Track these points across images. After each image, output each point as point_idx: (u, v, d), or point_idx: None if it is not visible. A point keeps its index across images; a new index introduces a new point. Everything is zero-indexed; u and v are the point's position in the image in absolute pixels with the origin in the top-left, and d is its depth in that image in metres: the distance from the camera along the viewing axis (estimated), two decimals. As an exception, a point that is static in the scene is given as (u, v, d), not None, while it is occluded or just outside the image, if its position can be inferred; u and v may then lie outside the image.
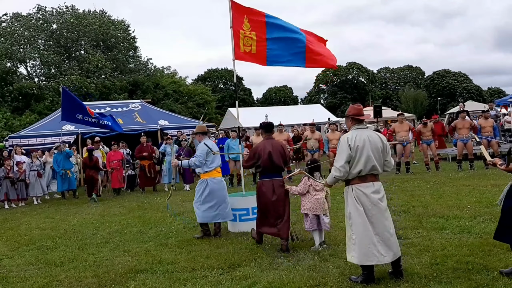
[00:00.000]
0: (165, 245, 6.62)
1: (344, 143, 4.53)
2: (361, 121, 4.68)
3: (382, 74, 78.31)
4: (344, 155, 4.47)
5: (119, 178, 12.92)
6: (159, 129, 17.16)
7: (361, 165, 4.45)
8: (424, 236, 5.96)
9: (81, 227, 8.53)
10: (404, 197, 8.91)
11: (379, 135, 4.67)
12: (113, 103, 21.13)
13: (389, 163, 4.67)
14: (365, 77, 69.55)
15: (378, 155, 4.54)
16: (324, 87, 72.95)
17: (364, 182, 4.47)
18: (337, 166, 4.51)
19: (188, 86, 43.77)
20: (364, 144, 4.49)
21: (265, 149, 5.98)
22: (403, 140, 13.17)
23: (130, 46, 38.43)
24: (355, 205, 4.47)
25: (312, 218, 5.88)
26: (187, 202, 10.72)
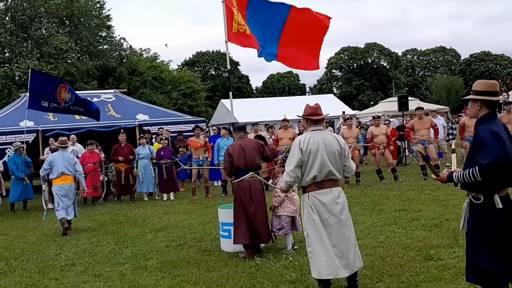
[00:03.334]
0: (144, 268, 6.61)
1: (295, 146, 4.99)
2: (318, 122, 5.13)
3: (409, 57, 78.46)
4: (295, 159, 4.94)
5: (94, 185, 12.87)
6: (138, 125, 17.12)
7: (315, 170, 4.89)
8: (460, 256, 5.95)
9: (42, 246, 8.51)
10: (436, 208, 8.93)
11: (337, 138, 5.11)
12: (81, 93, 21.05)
13: (349, 168, 5.09)
14: (387, 61, 69.66)
15: (334, 159, 4.96)
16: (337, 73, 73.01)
17: (321, 189, 4.91)
18: (287, 170, 5.02)
19: (172, 73, 43.71)
20: (318, 148, 4.92)
21: (236, 147, 6.86)
22: (424, 139, 13.12)
23: (103, 24, 38.35)
24: (310, 215, 4.88)
25: (288, 220, 6.79)
26: (170, 215, 10.74)
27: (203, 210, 11.02)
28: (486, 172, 3.72)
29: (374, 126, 13.56)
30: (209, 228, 8.80)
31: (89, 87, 31.73)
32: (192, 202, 12.47)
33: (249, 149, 6.91)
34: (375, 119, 13.70)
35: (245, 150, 6.87)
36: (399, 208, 9.18)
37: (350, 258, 4.87)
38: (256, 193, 6.75)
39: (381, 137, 13.27)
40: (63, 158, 9.81)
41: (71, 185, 9.74)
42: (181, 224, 9.49)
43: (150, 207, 12.20)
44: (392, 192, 11.31)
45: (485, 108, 3.97)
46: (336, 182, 5.04)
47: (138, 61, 40.20)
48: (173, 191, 13.59)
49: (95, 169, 13.11)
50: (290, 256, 6.59)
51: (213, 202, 11.89)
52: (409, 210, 8.92)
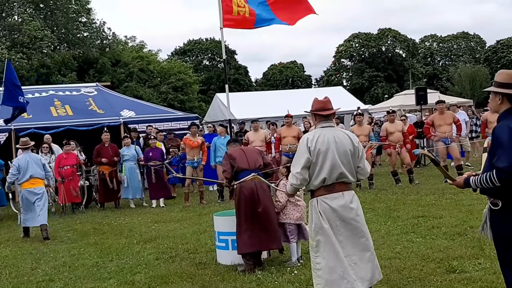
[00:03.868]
0: (131, 283, 6.63)
1: (303, 145, 4.97)
2: (328, 118, 5.10)
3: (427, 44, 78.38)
4: (302, 159, 4.91)
5: (72, 190, 12.88)
6: (123, 122, 17.14)
7: (325, 172, 4.87)
8: (487, 268, 5.97)
9: (16, 259, 8.52)
10: (459, 214, 8.94)
11: (350, 135, 5.08)
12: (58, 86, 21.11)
13: (363, 170, 5.08)
14: (403, 48, 69.64)
15: (347, 160, 4.94)
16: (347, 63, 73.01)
17: (331, 193, 4.89)
18: (294, 172, 4.98)
19: (161, 63, 43.74)
20: (328, 147, 4.90)
21: (236, 149, 7.16)
22: (446, 136, 13.12)
23: (82, 9, 38.37)
24: (320, 221, 4.86)
25: (292, 228, 6.83)
26: (160, 223, 10.76)
27: (197, 218, 11.03)
28: (504, 177, 3.70)
29: (389, 122, 13.56)
30: (204, 239, 8.81)
31: (67, 80, 31.78)
32: (185, 209, 12.49)
33: (250, 150, 7.19)
34: (390, 114, 13.69)
35: (245, 151, 7.10)
36: (417, 215, 9.18)
37: (366, 269, 4.86)
38: (264, 193, 6.82)
39: (397, 135, 13.26)
40: (30, 160, 10.08)
41: (41, 188, 10.07)
42: (172, 234, 9.49)
43: (137, 215, 12.22)
44: (410, 196, 11.32)
45: (508, 102, 3.94)
46: (348, 185, 5.03)
47: (122, 51, 40.30)
48: (163, 196, 13.60)
49: (73, 173, 13.10)
50: (296, 269, 6.60)
51: (208, 209, 11.90)
52: (428, 217, 8.92)
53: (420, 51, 75.49)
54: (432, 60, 77.28)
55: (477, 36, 76.66)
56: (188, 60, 58.98)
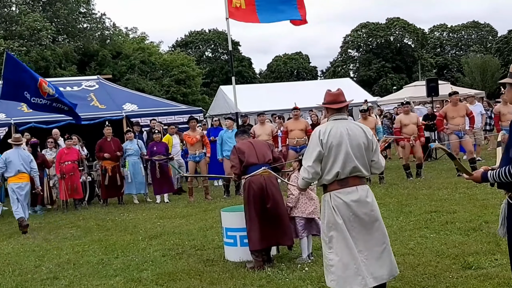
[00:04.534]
0: (138, 280, 6.66)
1: (314, 138, 5.01)
2: (340, 110, 5.14)
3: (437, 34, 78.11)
4: (314, 152, 4.95)
5: (73, 186, 12.92)
6: (125, 116, 17.17)
7: (338, 166, 4.90)
8: (503, 264, 5.96)
9: (19, 257, 8.55)
10: (473, 209, 8.94)
11: (363, 128, 5.11)
12: (59, 80, 21.11)
13: (377, 164, 5.12)
14: (412, 38, 69.46)
15: (360, 153, 4.97)
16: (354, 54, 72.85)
17: (344, 187, 4.93)
18: (305, 165, 5.02)
19: (163, 55, 43.73)
20: (341, 140, 4.93)
21: (244, 142, 7.10)
22: (459, 129, 13.08)
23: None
24: (333, 217, 4.90)
25: (302, 223, 6.83)
26: (165, 219, 10.79)
27: (202, 213, 11.06)
28: None
29: (403, 113, 13.53)
30: (211, 235, 8.83)
31: (67, 73, 31.80)
32: (190, 204, 12.52)
33: (259, 144, 7.13)
34: (404, 105, 13.65)
35: (255, 145, 7.05)
36: (430, 210, 9.19)
37: (381, 265, 4.89)
38: (273, 188, 6.79)
39: (411, 127, 13.22)
40: (18, 156, 10.80)
41: (27, 184, 10.72)
42: (178, 230, 9.53)
43: (142, 211, 12.25)
44: (421, 191, 11.32)
45: None
46: (362, 180, 5.06)
47: (123, 43, 40.28)
48: (168, 192, 13.63)
49: (74, 168, 13.15)
50: (306, 266, 6.61)
51: (214, 205, 11.93)
52: (442, 212, 8.93)
53: (429, 41, 75.29)
54: (442, 51, 77.05)
55: (488, 26, 76.39)
56: (190, 52, 58.96)
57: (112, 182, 13.47)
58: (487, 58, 61.38)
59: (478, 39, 75.86)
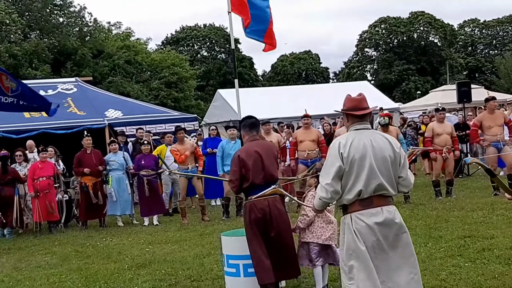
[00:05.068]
0: (125, 317, 6.61)
1: (334, 151, 4.96)
2: (363, 118, 5.08)
3: (468, 30, 78.27)
4: (333, 168, 4.90)
5: (48, 205, 12.91)
6: (108, 124, 17.20)
7: (361, 183, 4.86)
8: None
9: (-15, 287, 8.53)
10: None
11: (389, 139, 5.08)
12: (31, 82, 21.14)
13: (406, 181, 5.06)
14: (439, 35, 69.66)
15: (386, 168, 4.92)
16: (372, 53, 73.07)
17: (367, 208, 4.86)
18: (323, 183, 4.98)
19: (152, 54, 43.88)
20: (364, 153, 4.88)
21: (251, 152, 6.65)
22: (498, 139, 13.09)
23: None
24: (355, 243, 4.84)
25: (317, 250, 6.74)
26: (155, 245, 10.77)
27: (198, 238, 11.03)
28: None
29: (437, 121, 13.57)
30: (209, 263, 8.80)
31: (39, 73, 31.83)
32: (183, 227, 12.49)
33: (268, 156, 6.73)
34: (440, 112, 13.68)
35: (263, 158, 6.66)
36: (463, 234, 9.15)
37: None
38: (279, 214, 6.60)
39: (444, 137, 13.24)
40: None
41: None
42: (170, 257, 9.48)
43: (127, 235, 12.22)
44: (453, 212, 11.30)
45: None
46: (388, 199, 4.99)
47: (105, 40, 40.41)
48: (157, 213, 13.60)
49: (49, 185, 13.10)
50: (321, 300, 6.57)
51: (212, 228, 11.90)
52: (477, 237, 8.88)
53: (459, 38, 75.48)
54: (473, 50, 77.21)
55: (527, 21, 76.57)
56: (182, 51, 59.22)
57: (92, 202, 13.43)
58: (526, 58, 61.47)
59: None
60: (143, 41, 46.26)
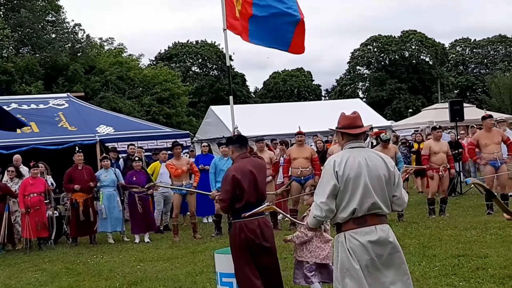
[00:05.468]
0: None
1: (329, 169, 5.00)
2: (358, 137, 5.14)
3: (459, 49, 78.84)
4: (328, 186, 4.93)
5: (38, 222, 12.83)
6: (99, 140, 17.14)
7: (356, 202, 4.89)
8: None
9: (-26, 305, 8.44)
10: (508, 252, 8.90)
11: (384, 158, 5.14)
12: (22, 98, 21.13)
13: (400, 200, 5.10)
14: (430, 54, 70.04)
15: (380, 187, 4.97)
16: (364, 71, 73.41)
17: (361, 227, 4.89)
18: (318, 201, 4.98)
19: (144, 70, 43.93)
20: (359, 172, 4.93)
21: (245, 171, 6.48)
22: (495, 158, 13.13)
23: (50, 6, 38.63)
24: (349, 261, 4.84)
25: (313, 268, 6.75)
26: (146, 262, 10.71)
27: (190, 256, 10.96)
28: None
29: (434, 139, 13.62)
30: (201, 281, 8.74)
31: (32, 89, 31.85)
32: (175, 245, 12.43)
33: (261, 175, 6.64)
34: (437, 130, 13.73)
35: (257, 177, 6.54)
36: (457, 253, 9.15)
37: None
38: (269, 235, 6.51)
39: (441, 156, 13.28)
40: None
41: None
42: (162, 275, 9.41)
43: (118, 252, 12.14)
44: (446, 231, 11.30)
45: None
46: (382, 218, 5.00)
47: (97, 55, 40.45)
48: (149, 230, 13.53)
49: (40, 202, 13.04)
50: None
51: (204, 245, 11.86)
52: (471, 256, 8.89)
53: (450, 57, 75.94)
54: (464, 69, 77.72)
55: (518, 40, 77.16)
56: (174, 67, 59.29)
57: (83, 218, 13.33)
58: (517, 77, 61.87)
59: (507, 55, 76.45)
60: (136, 57, 46.38)
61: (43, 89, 32.86)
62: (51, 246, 13.28)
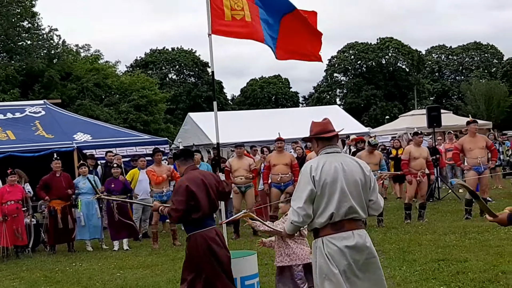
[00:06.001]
0: None
1: (305, 175, 5.04)
2: (331, 141, 5.23)
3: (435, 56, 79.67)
4: (305, 191, 4.96)
5: (16, 231, 12.71)
6: (76, 148, 17.04)
7: (333, 206, 4.93)
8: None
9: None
10: (487, 257, 8.99)
11: (360, 163, 5.20)
12: (0, 105, 20.94)
13: (376, 204, 5.17)
14: (407, 61, 70.71)
15: (357, 192, 5.02)
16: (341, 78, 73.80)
17: (339, 232, 4.93)
18: (295, 207, 5.02)
19: (121, 77, 43.73)
20: (336, 177, 4.98)
21: (198, 181, 6.47)
22: (478, 162, 13.28)
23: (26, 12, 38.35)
24: (327, 266, 4.88)
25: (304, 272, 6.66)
26: (126, 270, 10.65)
27: (170, 263, 10.91)
28: None
29: (415, 145, 13.73)
30: (183, 287, 8.70)
31: (8, 97, 31.57)
32: (154, 252, 12.38)
33: (212, 185, 6.60)
34: (419, 135, 13.84)
35: (208, 184, 6.55)
36: (437, 258, 9.22)
37: None
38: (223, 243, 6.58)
39: (420, 161, 13.37)
40: None
41: None
42: (142, 282, 9.37)
43: (97, 259, 12.05)
44: (425, 236, 11.38)
45: None
46: (358, 223, 5.06)
47: (74, 62, 40.20)
48: (127, 237, 13.44)
49: (18, 209, 12.94)
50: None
51: (183, 253, 11.43)
52: (451, 260, 8.96)
53: (426, 64, 76.72)
54: (440, 75, 78.53)
55: (493, 47, 78.16)
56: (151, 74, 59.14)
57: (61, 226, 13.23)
58: (493, 84, 62.74)
59: (481, 62, 77.54)
60: (112, 64, 46.18)
61: (19, 96, 32.58)
62: (29, 254, 13.16)
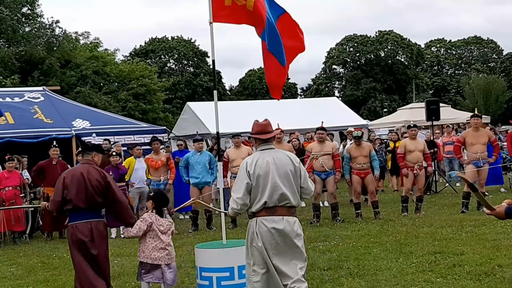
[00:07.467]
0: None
1: (242, 170, 5.95)
2: (267, 141, 6.11)
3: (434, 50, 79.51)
4: (242, 184, 5.88)
5: (13, 216, 12.71)
6: (75, 135, 17.01)
7: (266, 195, 5.84)
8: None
9: None
10: (483, 250, 9.03)
11: (290, 156, 6.11)
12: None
13: (307, 190, 6.09)
14: (406, 54, 70.52)
15: (288, 181, 5.92)
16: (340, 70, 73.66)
17: (271, 215, 5.83)
18: (234, 197, 5.94)
19: (120, 65, 43.58)
20: (268, 170, 5.88)
21: (75, 175, 6.83)
22: (478, 158, 13.28)
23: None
24: (255, 240, 5.80)
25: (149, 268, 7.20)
26: (124, 257, 10.69)
27: (167, 251, 10.92)
28: None
29: (409, 138, 13.70)
30: (180, 276, 8.63)
31: (8, 82, 31.49)
32: (151, 240, 12.37)
33: (93, 181, 6.81)
34: (411, 129, 13.78)
35: (88, 182, 6.79)
36: (434, 250, 9.26)
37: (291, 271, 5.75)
38: (101, 237, 6.99)
39: (416, 154, 13.34)
40: None
41: None
42: (139, 270, 9.38)
43: (94, 247, 12.04)
44: (422, 228, 11.41)
45: None
46: (291, 210, 5.91)
47: (73, 49, 40.04)
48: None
49: (15, 195, 12.99)
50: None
51: (181, 241, 11.82)
52: (447, 253, 9.01)
53: (425, 58, 76.54)
54: (439, 69, 78.41)
55: (492, 42, 78.00)
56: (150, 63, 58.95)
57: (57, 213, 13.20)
58: (491, 78, 62.54)
59: (481, 56, 77.36)
60: (111, 52, 46.00)
61: (19, 82, 32.52)
62: (26, 240, 13.20)
